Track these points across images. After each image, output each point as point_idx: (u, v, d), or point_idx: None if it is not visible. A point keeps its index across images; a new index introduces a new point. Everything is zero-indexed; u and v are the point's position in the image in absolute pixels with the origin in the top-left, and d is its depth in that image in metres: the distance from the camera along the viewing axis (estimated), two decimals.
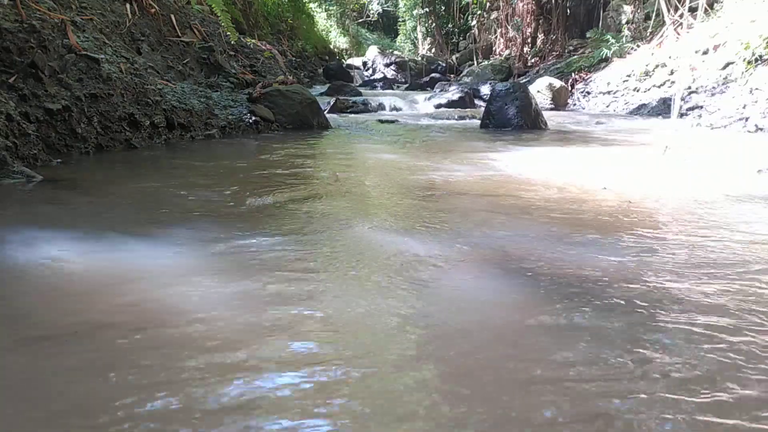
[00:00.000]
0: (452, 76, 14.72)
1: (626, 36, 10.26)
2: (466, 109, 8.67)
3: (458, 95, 9.15)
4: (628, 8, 10.88)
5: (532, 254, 1.82)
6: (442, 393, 1.02)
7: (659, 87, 8.09)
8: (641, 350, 1.19)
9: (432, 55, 18.19)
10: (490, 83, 10.10)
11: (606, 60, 9.98)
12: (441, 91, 10.09)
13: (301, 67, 12.74)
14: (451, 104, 8.90)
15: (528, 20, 13.85)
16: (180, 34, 5.75)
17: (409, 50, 20.93)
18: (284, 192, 2.76)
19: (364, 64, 17.04)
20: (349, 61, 17.70)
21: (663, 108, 7.79)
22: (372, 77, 15.16)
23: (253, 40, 8.77)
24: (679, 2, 8.74)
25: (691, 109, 7.00)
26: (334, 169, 3.44)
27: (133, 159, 3.65)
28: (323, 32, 19.41)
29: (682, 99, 7.45)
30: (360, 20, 26.02)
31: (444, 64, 16.00)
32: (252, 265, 1.67)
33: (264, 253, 1.78)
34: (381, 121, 6.86)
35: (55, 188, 2.67)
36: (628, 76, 8.84)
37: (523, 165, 3.82)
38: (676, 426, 0.94)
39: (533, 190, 2.86)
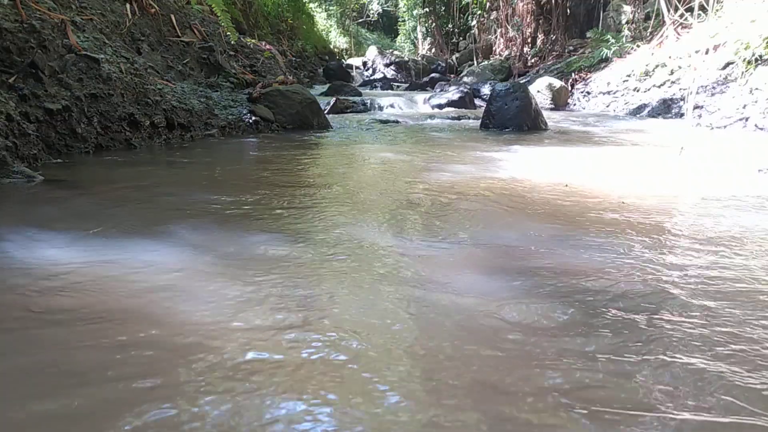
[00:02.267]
0: (452, 76, 14.70)
1: (626, 36, 10.25)
2: (466, 109, 8.67)
3: (458, 95, 9.14)
4: (628, 8, 10.87)
5: (531, 254, 1.82)
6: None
7: (659, 87, 8.08)
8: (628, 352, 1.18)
9: (432, 55, 18.17)
10: (490, 83, 10.10)
11: (606, 60, 9.97)
12: (441, 91, 10.08)
13: (301, 67, 12.73)
14: (451, 104, 8.90)
15: (528, 20, 13.83)
16: (180, 34, 5.75)
17: (409, 50, 20.90)
18: (284, 192, 2.76)
19: (364, 64, 17.02)
20: (349, 61, 17.68)
21: (663, 108, 7.78)
22: (372, 77, 15.15)
23: (253, 40, 8.77)
24: (680, 2, 8.74)
25: (686, 110, 6.99)
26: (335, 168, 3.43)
27: (133, 159, 3.65)
28: (323, 32, 19.40)
29: (682, 99, 7.45)
30: (360, 20, 26.00)
31: (444, 64, 15.98)
32: (252, 265, 1.67)
33: (265, 253, 1.78)
34: (381, 121, 6.86)
35: (55, 188, 2.67)
36: (628, 76, 8.83)
37: (523, 165, 3.82)
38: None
39: (533, 191, 2.86)
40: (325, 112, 6.56)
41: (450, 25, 18.33)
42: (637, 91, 8.48)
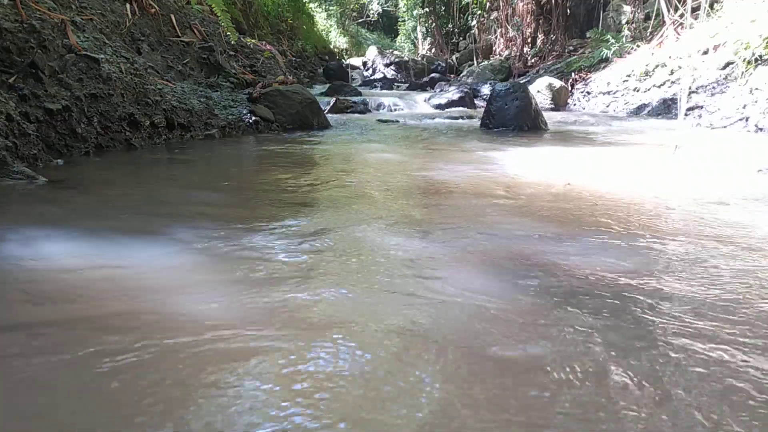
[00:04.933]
0: (452, 76, 14.70)
1: (626, 36, 10.25)
2: (466, 109, 8.67)
3: (458, 95, 9.14)
4: (628, 8, 10.87)
5: (530, 255, 1.82)
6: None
7: (659, 87, 8.08)
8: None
9: (432, 55, 18.17)
10: (490, 83, 10.10)
11: (606, 60, 9.97)
12: (441, 91, 10.08)
13: (301, 67, 12.73)
14: (451, 104, 8.90)
15: (528, 20, 13.83)
16: (180, 34, 5.75)
17: (409, 50, 20.90)
18: (284, 192, 2.76)
19: (364, 64, 17.01)
20: (349, 61, 17.68)
21: (663, 108, 7.78)
22: (372, 77, 15.14)
23: (253, 40, 8.77)
24: (679, 2, 8.74)
25: (691, 109, 6.99)
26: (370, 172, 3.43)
27: (133, 159, 3.65)
28: (323, 32, 19.40)
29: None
30: (360, 20, 26.00)
31: (444, 64, 15.98)
32: (253, 265, 1.67)
33: (265, 254, 1.78)
34: (381, 121, 6.86)
35: (55, 188, 2.67)
36: (628, 76, 8.83)
37: (523, 165, 3.82)
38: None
39: (533, 191, 2.86)
40: (325, 112, 6.56)
41: (450, 25, 18.32)
42: (637, 91, 8.48)
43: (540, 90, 9.18)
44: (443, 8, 18.34)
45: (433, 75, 13.81)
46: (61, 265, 1.64)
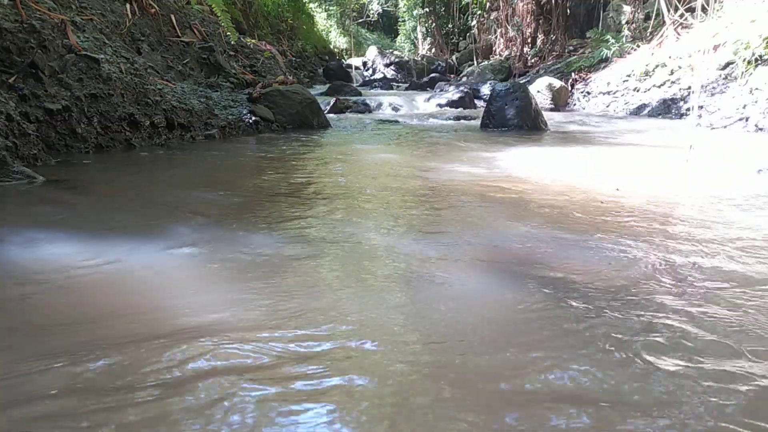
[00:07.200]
0: (452, 76, 14.69)
1: (626, 36, 10.24)
2: (466, 109, 8.67)
3: (458, 95, 9.14)
4: (628, 8, 10.87)
5: (530, 255, 1.82)
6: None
7: (659, 87, 8.08)
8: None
9: (432, 55, 18.17)
10: (490, 83, 10.09)
11: (606, 60, 9.96)
12: (441, 91, 10.08)
13: (301, 67, 12.73)
14: (451, 104, 8.90)
15: (528, 20, 13.82)
16: (180, 34, 5.75)
17: (409, 50, 20.89)
18: (284, 192, 2.76)
19: (364, 64, 17.01)
20: (349, 61, 17.66)
21: (663, 108, 7.78)
22: (372, 77, 15.14)
23: (253, 40, 8.77)
24: (679, 2, 8.74)
25: (691, 109, 6.99)
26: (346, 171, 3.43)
27: (133, 159, 3.65)
28: (323, 32, 19.40)
29: (682, 99, 7.45)
30: (360, 20, 26.00)
31: (444, 64, 15.97)
32: (252, 266, 1.67)
33: (264, 253, 1.78)
34: (381, 121, 6.86)
35: (55, 188, 2.67)
36: (628, 76, 8.83)
37: (523, 166, 3.81)
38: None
39: (533, 192, 2.86)
40: (325, 112, 6.56)
41: (450, 25, 18.32)
42: (637, 91, 8.48)
43: (540, 90, 9.18)
44: (443, 8, 18.33)
45: (433, 75, 13.80)
46: (59, 265, 1.63)
